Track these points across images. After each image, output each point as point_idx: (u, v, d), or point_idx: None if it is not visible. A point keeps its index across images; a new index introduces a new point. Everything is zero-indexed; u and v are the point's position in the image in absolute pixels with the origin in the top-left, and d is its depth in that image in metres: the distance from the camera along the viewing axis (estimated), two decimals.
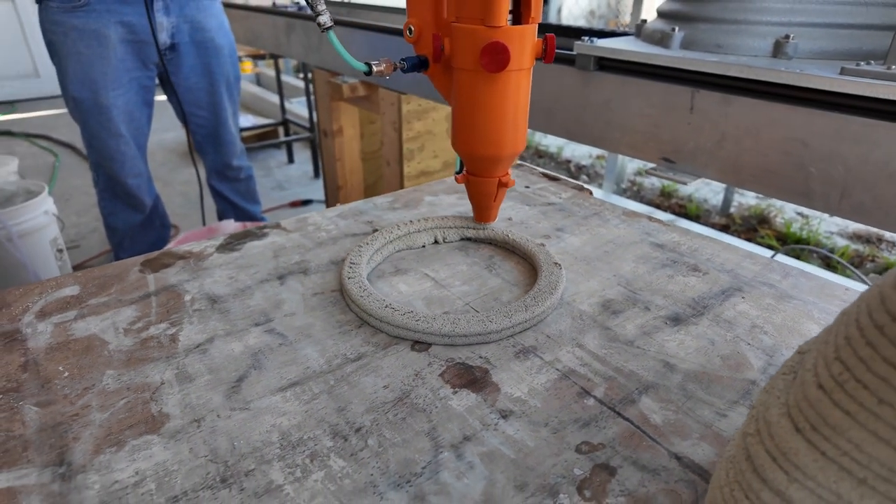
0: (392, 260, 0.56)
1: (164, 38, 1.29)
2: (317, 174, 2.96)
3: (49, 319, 0.46)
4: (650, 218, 0.66)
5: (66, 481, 0.32)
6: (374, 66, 0.50)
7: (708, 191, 2.74)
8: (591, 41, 0.90)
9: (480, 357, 0.42)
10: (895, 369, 0.20)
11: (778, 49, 0.78)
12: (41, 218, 1.67)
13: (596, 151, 3.28)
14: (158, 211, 1.51)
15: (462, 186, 0.75)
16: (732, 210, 2.55)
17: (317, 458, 0.33)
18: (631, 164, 2.98)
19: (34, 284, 0.51)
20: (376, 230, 0.57)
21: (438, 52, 0.49)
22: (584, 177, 3.22)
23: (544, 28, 1.25)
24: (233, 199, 1.65)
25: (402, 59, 0.51)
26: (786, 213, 2.48)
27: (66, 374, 0.40)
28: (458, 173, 0.58)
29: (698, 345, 0.44)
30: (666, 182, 2.94)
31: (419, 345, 0.44)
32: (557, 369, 0.41)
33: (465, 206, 0.68)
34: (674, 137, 0.86)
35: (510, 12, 0.48)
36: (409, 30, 0.52)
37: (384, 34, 1.34)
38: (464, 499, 0.31)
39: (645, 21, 0.96)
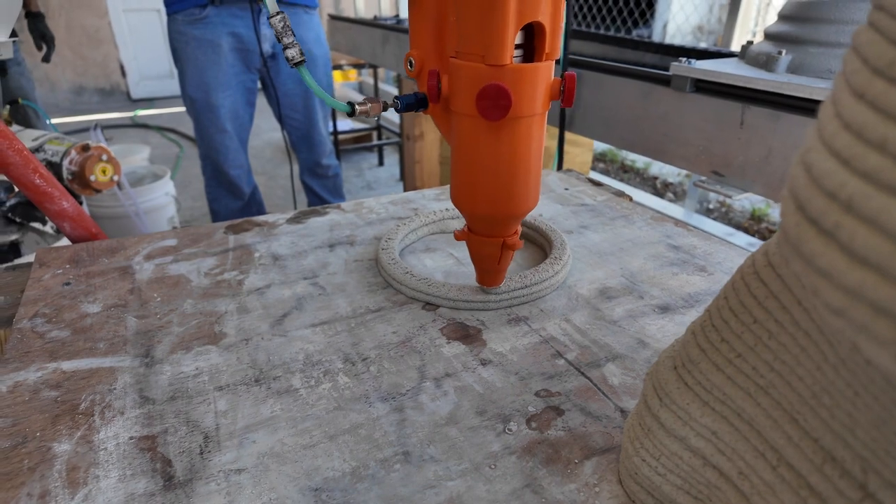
0: (426, 240, 0.65)
1: (266, 47, 1.48)
2: (402, 177, 3.13)
3: (152, 261, 0.60)
4: (676, 222, 0.69)
5: (148, 367, 0.43)
6: (357, 107, 0.44)
7: None
8: (689, 63, 0.91)
9: (478, 320, 0.49)
10: (733, 314, 0.26)
11: None
12: (162, 198, 1.94)
13: (685, 170, 3.19)
14: (256, 199, 1.71)
15: None
16: None
17: (328, 374, 0.42)
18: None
19: (145, 236, 0.65)
20: (417, 215, 0.66)
21: (434, 90, 0.42)
22: (671, 194, 3.14)
23: (645, 46, 1.29)
24: (321, 193, 1.81)
25: (396, 98, 0.44)
26: None
27: (159, 299, 0.53)
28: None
29: (678, 330, 0.48)
30: (759, 204, 2.80)
31: (429, 305, 0.52)
32: (541, 335, 0.47)
33: None
34: (724, 151, 0.88)
35: (519, 47, 0.40)
36: (410, 63, 0.45)
37: None
38: (433, 415, 0.38)
39: (751, 42, 0.95)
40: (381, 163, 3.38)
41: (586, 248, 0.63)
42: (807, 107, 0.77)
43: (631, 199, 0.80)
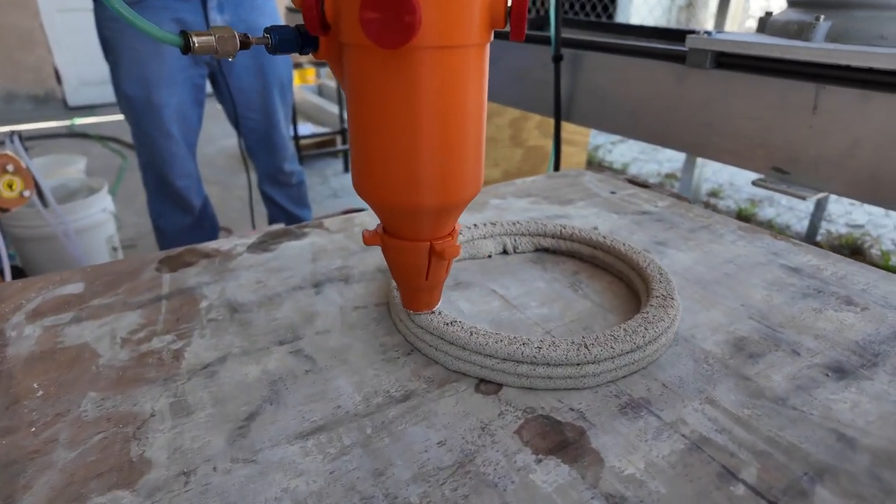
0: (451, 271, 0.46)
1: None
2: None
3: (40, 321, 0.38)
4: (773, 234, 0.53)
5: None
6: (195, 39, 0.28)
7: (791, 216, 2.51)
8: (709, 35, 0.78)
9: (572, 409, 0.31)
10: None
11: None
12: (99, 215, 1.68)
13: (665, 169, 3.09)
14: (207, 213, 1.47)
15: (540, 187, 0.64)
16: (819, 238, 2.32)
17: None
18: (705, 185, 2.78)
19: (36, 279, 0.44)
20: None
21: (315, 14, 0.28)
22: None
23: (637, 31, 1.13)
24: (284, 204, 1.59)
25: (269, 31, 0.29)
26: (883, 243, 2.22)
27: (41, 393, 0.32)
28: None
29: (882, 410, 0.31)
30: (743, 204, 2.72)
31: (486, 384, 0.33)
32: (684, 435, 0.29)
33: (539, 212, 0.57)
34: (790, 143, 0.72)
35: None
36: None
37: None
38: None
39: (770, 14, 0.82)
40: (347, 169, 3.17)
41: (680, 276, 0.45)
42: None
43: (689, 201, 0.63)
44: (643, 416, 0.30)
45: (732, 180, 2.84)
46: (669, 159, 3.12)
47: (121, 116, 1.38)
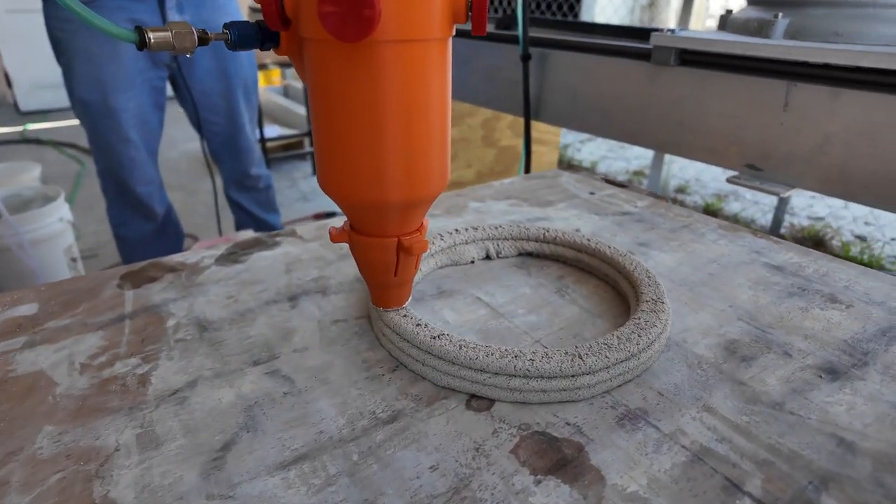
0: (433, 278, 0.44)
1: None
2: None
3: None
4: (754, 232, 0.53)
5: None
6: (151, 35, 0.27)
7: (756, 210, 2.58)
8: (673, 32, 0.78)
9: (568, 424, 0.29)
10: None
11: None
12: (56, 225, 1.61)
13: (632, 167, 3.13)
14: (171, 220, 1.42)
15: (519, 189, 0.62)
16: (783, 231, 2.38)
17: None
18: (672, 181, 2.83)
19: None
20: None
21: (275, 8, 0.27)
22: None
23: (602, 29, 1.14)
24: (251, 209, 1.55)
25: (227, 28, 0.28)
26: (843, 235, 2.30)
27: None
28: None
29: (878, 411, 0.30)
30: (710, 199, 2.78)
31: (477, 400, 0.31)
32: (684, 447, 0.28)
33: (520, 215, 0.56)
34: (762, 140, 0.73)
35: None
36: None
37: None
38: None
39: (730, 11, 0.84)
40: (315, 171, 3.12)
41: (665, 278, 0.44)
42: (861, 79, 0.63)
43: (667, 201, 0.63)
44: (641, 428, 0.29)
45: (699, 176, 2.89)
46: (637, 157, 3.16)
47: (77, 121, 1.32)
